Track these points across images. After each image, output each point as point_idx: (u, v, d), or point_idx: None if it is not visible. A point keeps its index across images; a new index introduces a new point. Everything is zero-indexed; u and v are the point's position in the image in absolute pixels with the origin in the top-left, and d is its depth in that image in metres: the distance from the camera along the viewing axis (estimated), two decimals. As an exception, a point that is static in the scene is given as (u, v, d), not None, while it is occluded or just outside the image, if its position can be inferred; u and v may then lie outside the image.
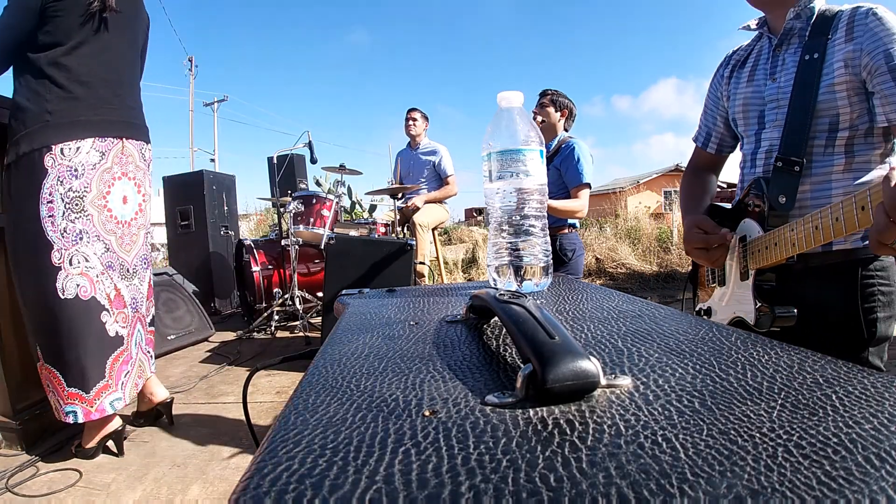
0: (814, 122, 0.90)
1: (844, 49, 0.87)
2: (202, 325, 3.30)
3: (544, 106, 2.43)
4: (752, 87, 1.01)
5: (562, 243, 2.35)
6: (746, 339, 0.39)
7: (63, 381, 1.52)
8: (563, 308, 0.57)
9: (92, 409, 1.54)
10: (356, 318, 0.56)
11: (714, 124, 1.16)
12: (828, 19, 0.91)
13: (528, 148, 0.66)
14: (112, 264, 1.59)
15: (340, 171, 3.69)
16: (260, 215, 10.07)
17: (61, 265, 1.49)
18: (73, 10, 1.50)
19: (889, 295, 0.89)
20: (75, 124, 1.51)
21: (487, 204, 0.70)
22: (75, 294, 1.51)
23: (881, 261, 0.89)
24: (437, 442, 0.23)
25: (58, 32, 1.49)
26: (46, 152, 1.47)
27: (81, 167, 1.52)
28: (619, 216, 8.78)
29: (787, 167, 0.92)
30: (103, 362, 1.57)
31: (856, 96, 0.87)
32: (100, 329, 1.56)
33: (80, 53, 1.52)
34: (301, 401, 0.30)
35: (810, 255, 0.90)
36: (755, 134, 1.01)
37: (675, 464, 0.20)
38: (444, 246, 7.01)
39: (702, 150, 1.20)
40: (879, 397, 0.26)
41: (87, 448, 1.65)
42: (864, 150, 0.89)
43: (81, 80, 1.52)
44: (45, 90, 1.48)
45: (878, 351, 0.90)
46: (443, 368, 0.35)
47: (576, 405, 0.27)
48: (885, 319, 0.88)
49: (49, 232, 1.47)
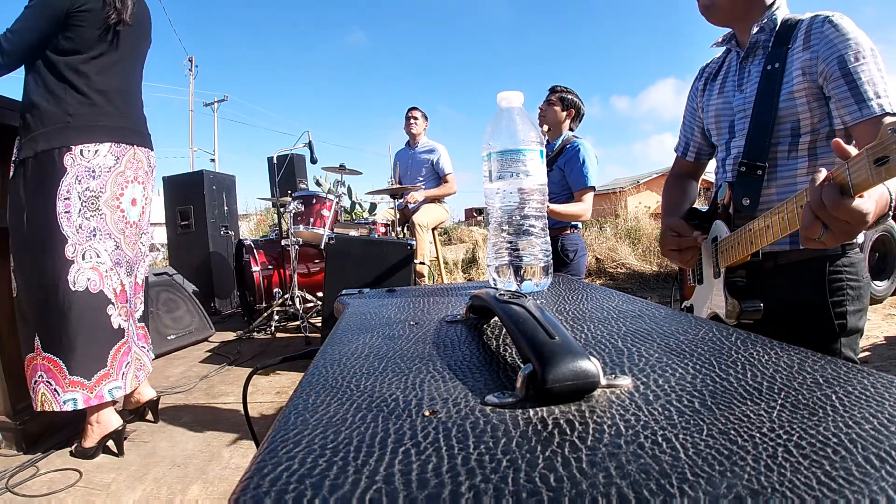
0: (776, 129, 0.94)
1: (802, 57, 0.91)
2: (202, 325, 3.30)
3: (551, 104, 2.39)
4: (723, 99, 1.06)
5: (563, 244, 2.34)
6: (746, 339, 0.39)
7: (65, 370, 1.57)
8: (563, 308, 0.57)
9: (91, 395, 1.60)
10: (356, 318, 0.56)
11: (692, 135, 1.22)
12: (789, 28, 0.95)
13: (528, 148, 0.66)
14: (120, 261, 1.69)
15: (340, 171, 3.69)
16: (260, 215, 10.07)
17: (74, 259, 1.57)
18: (94, 22, 1.60)
19: (858, 289, 0.93)
20: (94, 128, 1.61)
21: (487, 204, 0.70)
22: (85, 287, 1.59)
23: (849, 257, 0.93)
24: (437, 442, 0.23)
25: (78, 41, 1.59)
26: (66, 152, 1.56)
27: (99, 169, 1.62)
28: (619, 216, 8.77)
29: (750, 171, 0.96)
30: (106, 352, 1.64)
31: (815, 102, 0.91)
32: (105, 321, 1.64)
33: (98, 63, 1.63)
34: (301, 401, 0.30)
35: (779, 253, 0.96)
36: (726, 143, 1.06)
37: (675, 464, 0.20)
38: (444, 246, 7.01)
39: (682, 159, 1.26)
40: (879, 397, 0.26)
41: (86, 448, 1.65)
42: (826, 152, 0.93)
43: (99, 89, 1.63)
44: (65, 93, 1.57)
45: (850, 342, 0.94)
46: (443, 368, 0.35)
47: (576, 405, 0.27)
48: (855, 312, 0.93)
49: (64, 227, 1.56)
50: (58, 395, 1.56)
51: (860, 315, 0.93)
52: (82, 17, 1.57)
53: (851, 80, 0.84)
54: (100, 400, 1.61)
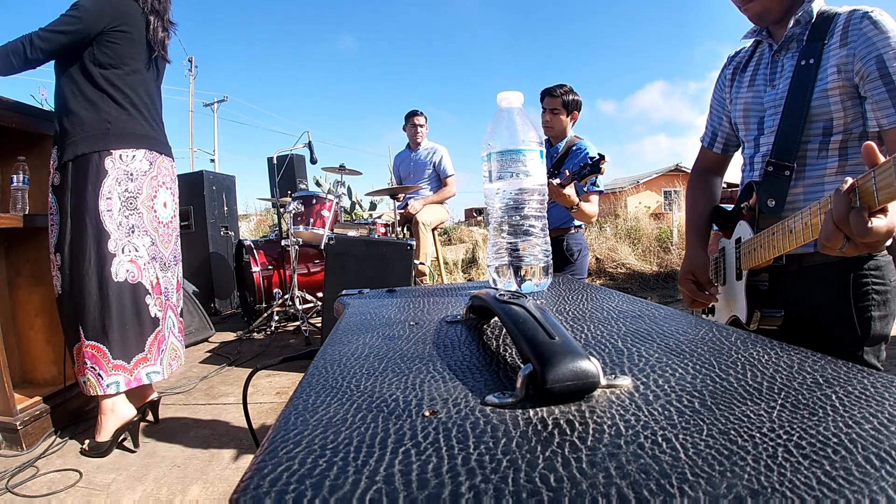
0: (807, 127, 0.91)
1: (838, 54, 0.87)
2: (202, 325, 3.30)
3: (556, 112, 2.30)
4: (753, 93, 1.02)
5: (569, 243, 2.32)
6: (746, 339, 0.39)
7: (108, 354, 1.70)
8: (563, 308, 0.57)
9: (131, 377, 1.73)
10: (356, 319, 0.56)
11: (720, 124, 1.17)
12: (826, 21, 0.91)
13: (528, 148, 0.66)
14: (155, 256, 1.84)
15: (340, 171, 3.69)
16: (260, 215, 10.06)
17: (116, 253, 1.72)
18: (128, 43, 1.76)
19: (884, 294, 0.89)
20: (132, 135, 1.77)
21: (487, 204, 0.70)
22: (125, 278, 1.74)
23: (875, 260, 0.90)
24: (437, 442, 0.23)
25: (114, 56, 1.73)
26: (106, 155, 1.71)
27: (136, 172, 1.77)
28: (619, 216, 8.77)
29: (778, 171, 0.93)
30: (144, 338, 1.78)
31: (849, 101, 0.87)
32: (144, 309, 1.78)
33: (131, 80, 1.79)
34: (301, 401, 0.30)
35: (804, 256, 0.92)
36: (754, 139, 1.02)
37: (675, 464, 0.20)
38: (444, 246, 7.00)
39: (708, 151, 1.20)
40: (879, 397, 0.26)
41: (100, 442, 1.68)
42: (857, 153, 0.89)
43: (133, 102, 1.79)
44: (104, 102, 1.72)
45: (875, 350, 0.90)
46: (443, 369, 0.35)
47: (576, 405, 0.27)
48: (881, 318, 0.89)
49: (107, 223, 1.71)
50: (101, 380, 1.68)
51: (887, 320, 0.89)
52: (119, 36, 1.73)
53: (890, 82, 0.81)
54: (138, 382, 1.74)
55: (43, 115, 1.99)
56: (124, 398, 1.75)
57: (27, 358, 2.06)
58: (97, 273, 1.69)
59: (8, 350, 1.76)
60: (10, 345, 1.77)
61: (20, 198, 1.90)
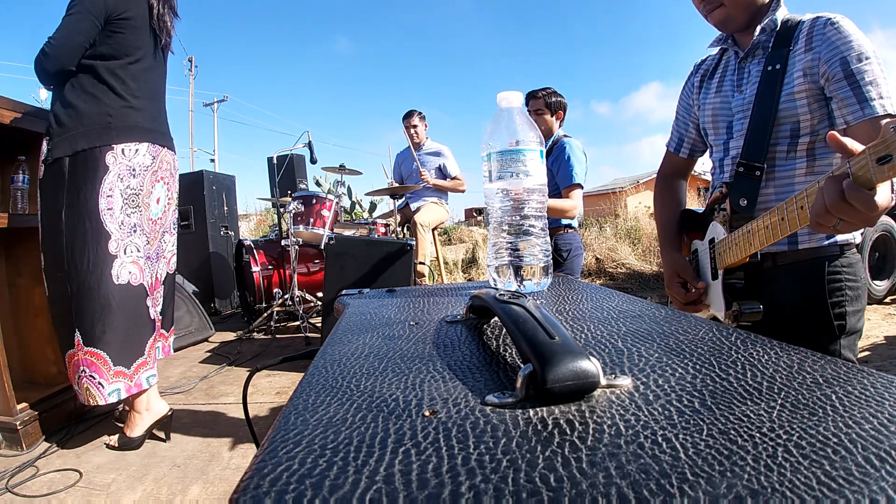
0: (776, 130, 0.94)
1: (804, 59, 0.91)
2: (202, 325, 3.30)
3: (539, 113, 2.37)
4: (721, 98, 1.06)
5: (556, 243, 2.33)
6: (746, 339, 0.39)
7: (109, 361, 1.62)
8: (563, 308, 0.57)
9: (131, 383, 1.66)
10: (356, 319, 0.56)
11: (686, 131, 1.21)
12: (790, 29, 0.95)
13: (528, 148, 0.66)
14: (150, 255, 1.77)
15: (340, 171, 3.68)
16: (260, 215, 10.07)
17: (117, 254, 1.64)
18: (132, 32, 1.67)
19: (856, 290, 0.93)
20: (134, 129, 1.68)
21: (487, 204, 0.70)
22: (127, 280, 1.66)
23: (847, 257, 0.93)
24: (437, 442, 0.23)
25: (117, 46, 1.65)
26: (107, 151, 1.61)
27: (139, 167, 1.69)
28: (618, 216, 8.77)
29: (748, 172, 0.96)
30: (144, 342, 1.70)
31: (815, 103, 0.91)
32: (145, 312, 1.72)
33: (133, 70, 1.69)
34: (301, 401, 0.30)
35: (778, 254, 0.96)
36: (723, 143, 1.06)
37: (675, 464, 0.20)
38: (444, 246, 7.00)
39: (674, 155, 1.25)
40: (879, 397, 0.26)
41: (132, 437, 1.68)
42: (825, 153, 0.93)
43: (134, 94, 1.69)
44: (104, 95, 1.63)
45: (850, 343, 0.94)
46: (443, 368, 0.35)
47: (576, 405, 0.27)
48: (855, 313, 0.93)
49: (108, 223, 1.62)
50: (102, 388, 1.60)
51: (859, 316, 0.93)
52: (122, 25, 1.64)
53: (854, 81, 0.85)
54: (139, 388, 1.67)
55: (43, 116, 1.92)
56: (157, 394, 1.73)
57: (27, 358, 2.06)
58: (97, 276, 1.60)
59: (8, 350, 1.76)
60: (10, 345, 1.77)
61: (20, 198, 1.90)
